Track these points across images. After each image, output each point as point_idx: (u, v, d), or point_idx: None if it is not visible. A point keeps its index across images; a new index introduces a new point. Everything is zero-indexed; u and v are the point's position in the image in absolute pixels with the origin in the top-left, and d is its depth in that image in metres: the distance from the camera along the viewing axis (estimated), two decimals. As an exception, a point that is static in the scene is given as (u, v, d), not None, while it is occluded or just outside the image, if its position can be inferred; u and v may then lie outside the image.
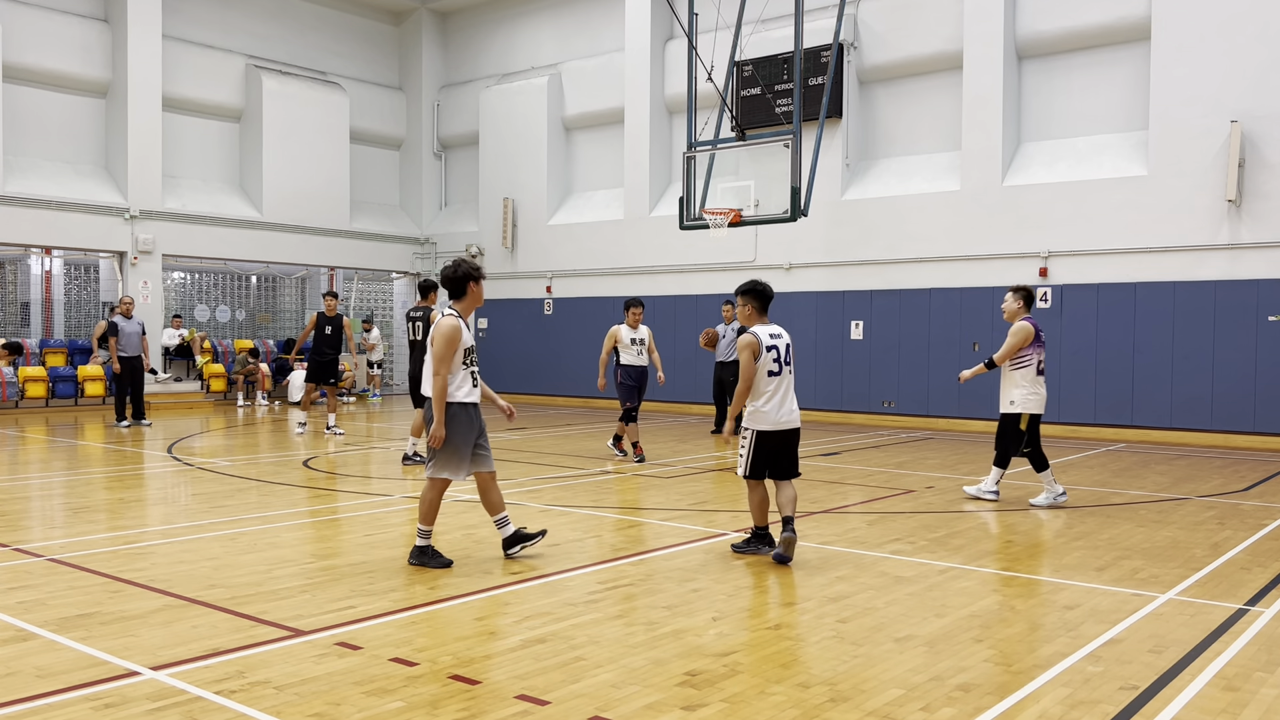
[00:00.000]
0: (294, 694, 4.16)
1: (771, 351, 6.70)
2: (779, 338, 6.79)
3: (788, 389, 6.80)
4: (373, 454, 12.96)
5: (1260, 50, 14.38)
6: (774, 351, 6.72)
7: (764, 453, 6.77)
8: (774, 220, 15.84)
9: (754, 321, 6.84)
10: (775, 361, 6.71)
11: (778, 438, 6.76)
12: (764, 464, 6.81)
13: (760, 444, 6.75)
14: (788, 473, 6.88)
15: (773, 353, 6.71)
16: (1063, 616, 5.49)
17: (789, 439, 6.82)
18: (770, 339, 6.72)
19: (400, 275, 25.50)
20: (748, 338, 6.66)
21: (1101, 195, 15.71)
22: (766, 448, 6.76)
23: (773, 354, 6.71)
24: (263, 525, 7.93)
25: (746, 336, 6.67)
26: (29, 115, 19.46)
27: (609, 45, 22.06)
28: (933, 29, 17.50)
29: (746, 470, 6.83)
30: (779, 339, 6.79)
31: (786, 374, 6.78)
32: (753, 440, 6.77)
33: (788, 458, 6.84)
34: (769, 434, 6.75)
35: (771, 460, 6.80)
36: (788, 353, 6.82)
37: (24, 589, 5.85)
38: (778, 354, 6.74)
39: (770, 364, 6.69)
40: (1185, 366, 15.04)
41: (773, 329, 6.81)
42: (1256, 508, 9.19)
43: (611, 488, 10.07)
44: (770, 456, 6.78)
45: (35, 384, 18.71)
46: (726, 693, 4.25)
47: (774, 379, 6.72)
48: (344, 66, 24.35)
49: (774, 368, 6.71)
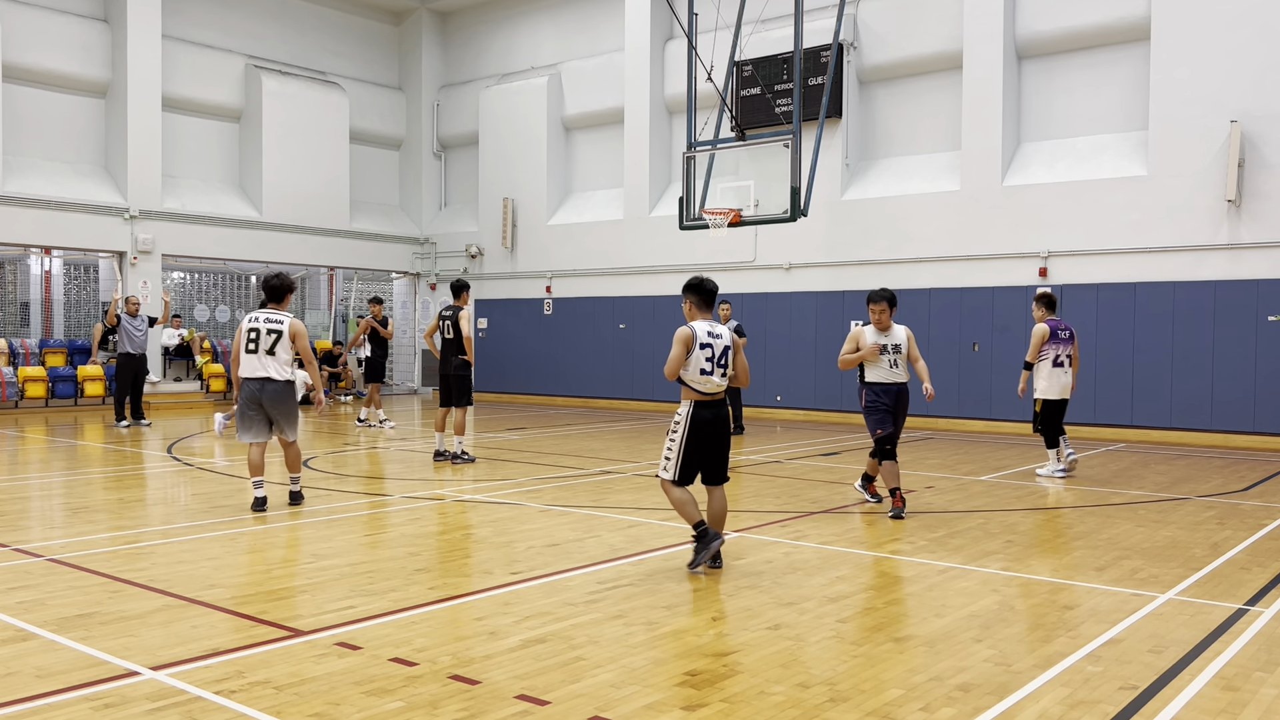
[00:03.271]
0: (294, 694, 4.16)
1: (706, 350, 6.37)
2: (717, 337, 6.44)
3: (720, 389, 6.45)
4: (373, 454, 12.96)
5: (1260, 50, 14.39)
6: (709, 350, 6.38)
7: (695, 443, 6.38)
8: (774, 220, 15.84)
9: (694, 317, 6.54)
10: (709, 361, 6.36)
11: (712, 427, 6.42)
12: (694, 462, 6.43)
13: (693, 433, 6.36)
14: (719, 475, 6.53)
15: (707, 350, 6.37)
16: (1063, 616, 5.49)
17: (723, 431, 6.50)
18: (707, 336, 6.40)
19: (400, 275, 25.50)
20: (682, 329, 6.38)
21: (1101, 195, 15.71)
22: (699, 436, 6.38)
23: (707, 352, 6.36)
24: (263, 525, 7.93)
25: (682, 328, 6.40)
26: (29, 115, 19.45)
27: (609, 45, 22.06)
28: (933, 29, 17.50)
29: (676, 474, 6.41)
30: (717, 338, 6.43)
31: (719, 376, 6.42)
32: (685, 427, 6.37)
33: (719, 454, 6.48)
34: (703, 421, 6.38)
35: (703, 456, 6.43)
36: (723, 355, 6.43)
37: (24, 589, 5.85)
38: (712, 353, 6.38)
39: (703, 362, 6.35)
40: (1185, 366, 15.04)
41: (713, 327, 6.47)
42: (1256, 508, 9.19)
43: (611, 488, 10.07)
44: (700, 449, 6.41)
45: (35, 384, 18.72)
46: (726, 693, 4.25)
47: (705, 378, 6.39)
48: (344, 66, 24.35)
49: (706, 366, 6.36)
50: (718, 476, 6.56)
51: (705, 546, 6.34)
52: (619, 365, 20.89)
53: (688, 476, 6.45)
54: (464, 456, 11.74)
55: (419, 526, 8.02)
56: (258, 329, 8.48)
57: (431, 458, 12.11)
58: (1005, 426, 16.50)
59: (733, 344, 6.52)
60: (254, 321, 8.50)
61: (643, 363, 20.63)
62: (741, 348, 6.68)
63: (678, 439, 6.41)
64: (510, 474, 10.98)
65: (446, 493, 9.67)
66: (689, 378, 6.38)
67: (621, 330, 21.04)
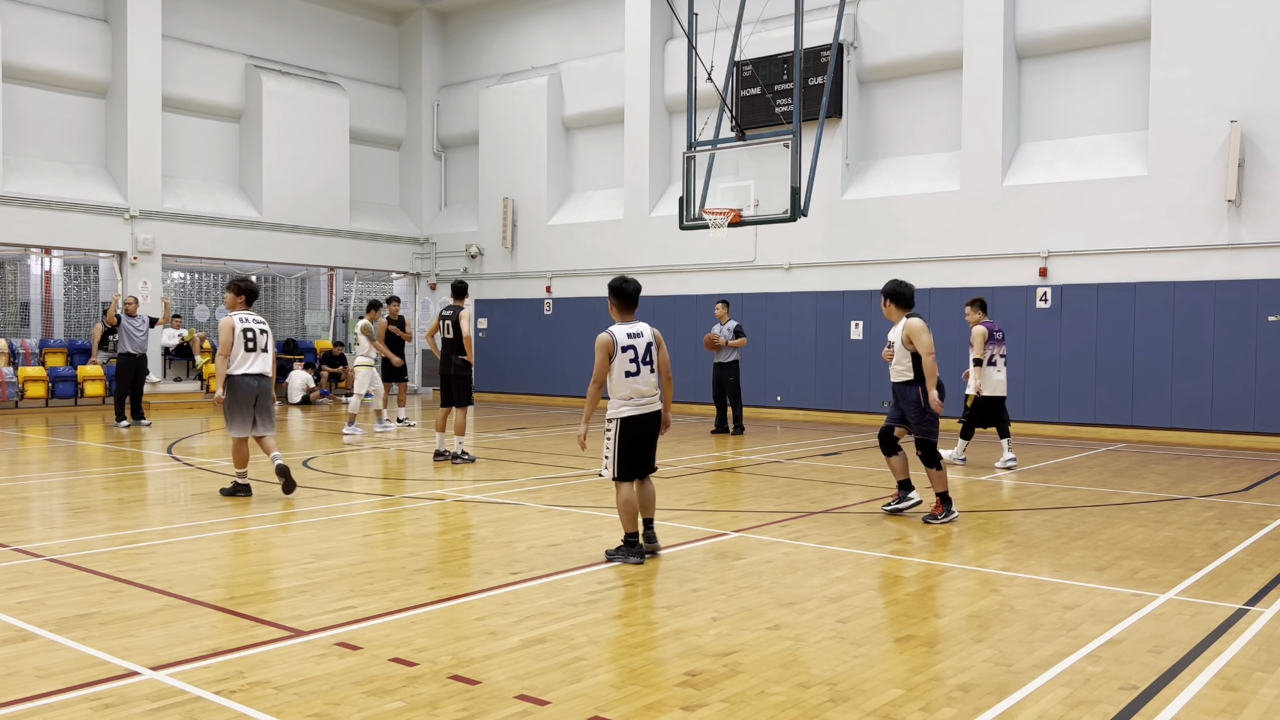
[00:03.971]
0: (294, 694, 4.16)
1: (628, 351, 6.51)
2: (638, 337, 6.57)
3: (650, 385, 6.61)
4: (373, 454, 12.96)
5: (1260, 50, 14.38)
6: (631, 351, 6.52)
7: (630, 443, 6.57)
8: (774, 220, 15.84)
9: (617, 319, 6.67)
10: (632, 362, 6.51)
11: (641, 423, 6.60)
12: (632, 459, 6.62)
13: (625, 432, 6.55)
14: (648, 467, 6.75)
15: (629, 352, 6.51)
16: (1063, 616, 5.49)
17: (653, 427, 6.67)
18: (628, 338, 6.53)
19: (400, 275, 25.50)
20: (602, 335, 6.51)
21: (1101, 195, 15.71)
22: (632, 436, 6.57)
23: (629, 354, 6.51)
24: (263, 525, 7.93)
25: (601, 335, 6.52)
26: (29, 115, 19.46)
27: (609, 45, 22.06)
28: (933, 29, 17.50)
29: (615, 471, 6.62)
30: (638, 338, 6.56)
31: (646, 374, 6.57)
32: (617, 430, 6.56)
33: (650, 450, 6.71)
34: (633, 419, 6.57)
35: (638, 453, 6.63)
36: (648, 352, 6.58)
37: (24, 589, 5.85)
38: (635, 354, 6.53)
39: (627, 364, 6.49)
40: (1185, 366, 15.04)
41: (633, 328, 6.60)
42: (1256, 508, 9.19)
43: (612, 488, 10.06)
44: (636, 447, 6.61)
45: (35, 384, 18.72)
46: (726, 693, 4.25)
47: (632, 379, 6.53)
48: (344, 66, 24.35)
49: (630, 368, 6.50)
50: (648, 468, 6.81)
51: (630, 552, 6.66)
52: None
53: (628, 474, 6.66)
54: (464, 456, 11.75)
55: (419, 526, 8.03)
56: (253, 329, 9.04)
57: (432, 458, 12.11)
58: (1005, 426, 16.50)
59: (654, 339, 6.68)
60: (247, 322, 9.03)
61: (643, 363, 20.62)
62: (663, 343, 6.80)
63: (612, 442, 6.62)
64: (510, 474, 10.98)
65: (447, 493, 9.67)
66: (614, 383, 6.56)
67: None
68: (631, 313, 6.70)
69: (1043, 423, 16.23)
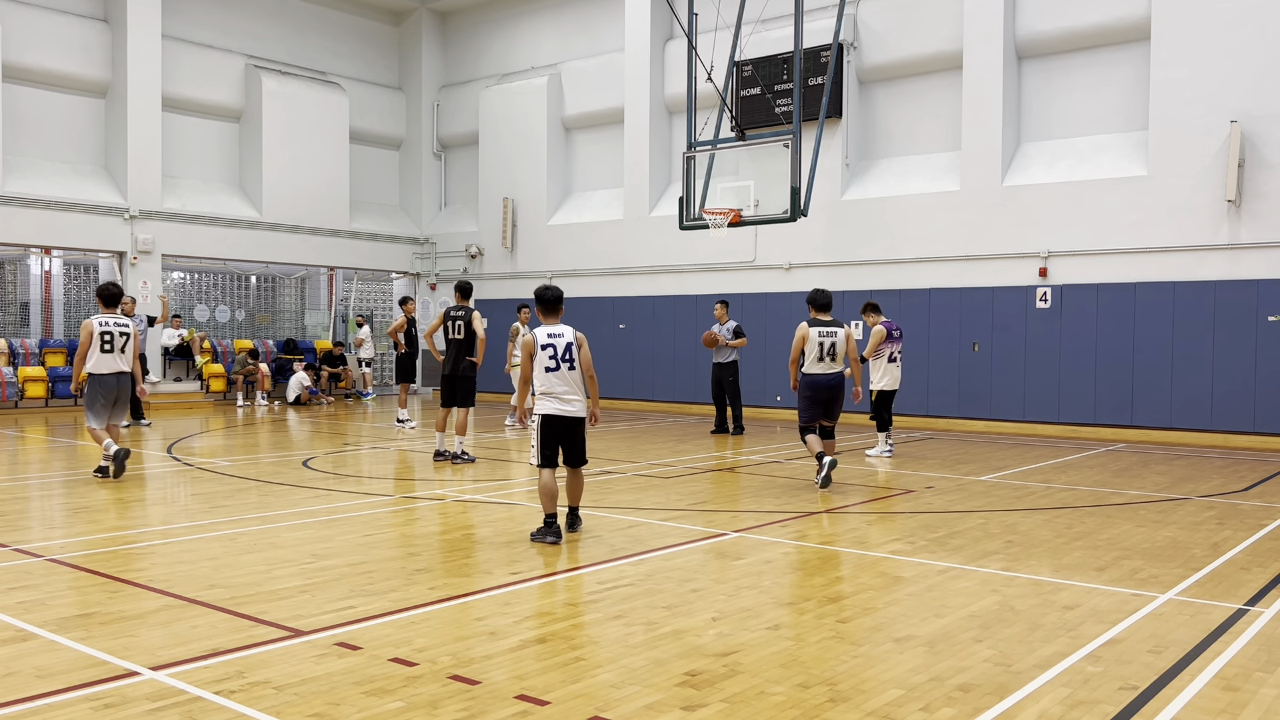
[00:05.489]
0: (294, 694, 4.16)
1: (548, 349, 7.23)
2: (558, 337, 7.29)
3: (569, 382, 7.28)
4: (373, 454, 12.96)
5: (1260, 50, 14.39)
6: (550, 349, 7.24)
7: (551, 438, 7.27)
8: (774, 220, 15.84)
9: (540, 322, 7.42)
10: (551, 359, 7.24)
11: (561, 423, 7.27)
12: (554, 450, 7.32)
13: (546, 428, 7.27)
14: (576, 460, 7.42)
15: (549, 350, 7.23)
16: (1063, 616, 5.49)
17: (572, 426, 7.31)
18: (547, 338, 7.26)
19: (400, 275, 25.50)
20: (525, 338, 7.31)
21: (1101, 195, 15.71)
22: (553, 431, 7.27)
23: (548, 351, 7.23)
24: (263, 525, 7.93)
25: (525, 337, 7.33)
26: (29, 115, 19.46)
27: (609, 45, 22.06)
28: (933, 29, 17.50)
29: (538, 459, 7.36)
30: (557, 338, 7.28)
31: (565, 370, 7.26)
32: (539, 425, 7.31)
33: (573, 445, 7.37)
34: (553, 418, 7.27)
35: (557, 446, 7.32)
36: (567, 351, 7.27)
37: (24, 589, 5.85)
38: (554, 351, 7.24)
39: (546, 360, 7.23)
40: (1185, 366, 15.04)
41: (553, 329, 7.33)
42: (1256, 508, 9.19)
43: (611, 488, 10.07)
44: (554, 442, 7.29)
45: (35, 384, 18.72)
46: (726, 693, 4.25)
47: (552, 374, 7.24)
48: (344, 66, 24.35)
49: (550, 364, 7.24)
50: (575, 460, 7.47)
51: (548, 532, 7.24)
52: (618, 365, 20.87)
53: (550, 461, 7.35)
54: (464, 457, 11.74)
55: (419, 526, 8.03)
56: (111, 332, 10.18)
57: (432, 458, 12.11)
58: (1005, 426, 16.51)
59: (576, 340, 7.37)
60: (106, 325, 10.17)
61: (642, 363, 20.64)
62: (585, 343, 7.50)
63: (536, 433, 7.39)
64: (510, 474, 10.97)
65: (447, 493, 9.67)
66: (537, 378, 7.29)
67: (621, 330, 21.05)
68: (555, 316, 7.46)
69: (1043, 423, 16.24)
